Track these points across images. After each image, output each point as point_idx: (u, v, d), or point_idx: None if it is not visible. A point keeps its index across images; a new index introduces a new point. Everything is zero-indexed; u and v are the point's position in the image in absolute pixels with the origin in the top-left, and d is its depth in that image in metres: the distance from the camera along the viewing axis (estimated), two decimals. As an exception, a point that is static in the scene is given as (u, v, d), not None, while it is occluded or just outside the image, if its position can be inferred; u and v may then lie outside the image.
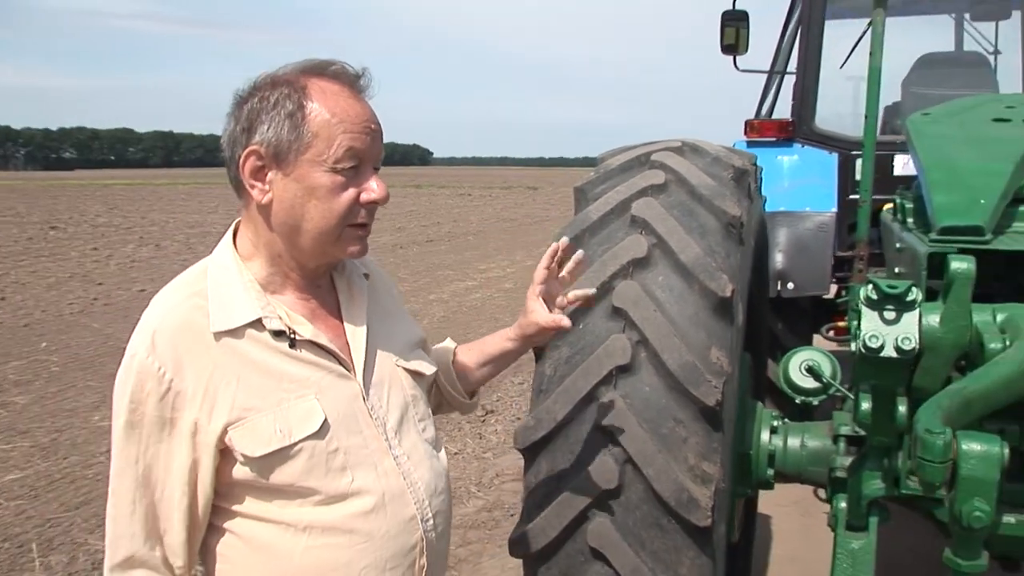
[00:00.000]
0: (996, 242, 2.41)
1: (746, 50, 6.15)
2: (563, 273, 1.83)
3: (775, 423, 2.91)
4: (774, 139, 5.54)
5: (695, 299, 2.21)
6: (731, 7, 6.07)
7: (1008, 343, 2.05)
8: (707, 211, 2.38)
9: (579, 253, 1.84)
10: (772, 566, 4.39)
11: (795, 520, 4.94)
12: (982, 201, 2.46)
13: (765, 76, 6.31)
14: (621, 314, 2.18)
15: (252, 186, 1.51)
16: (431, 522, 1.67)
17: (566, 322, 1.79)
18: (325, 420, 1.52)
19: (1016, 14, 6.37)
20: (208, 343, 1.48)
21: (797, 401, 3.00)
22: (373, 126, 1.55)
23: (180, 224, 24.00)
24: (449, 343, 2.06)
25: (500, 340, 1.94)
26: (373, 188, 1.55)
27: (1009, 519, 2.29)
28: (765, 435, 2.87)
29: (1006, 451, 1.74)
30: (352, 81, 1.55)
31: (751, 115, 6.15)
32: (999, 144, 2.76)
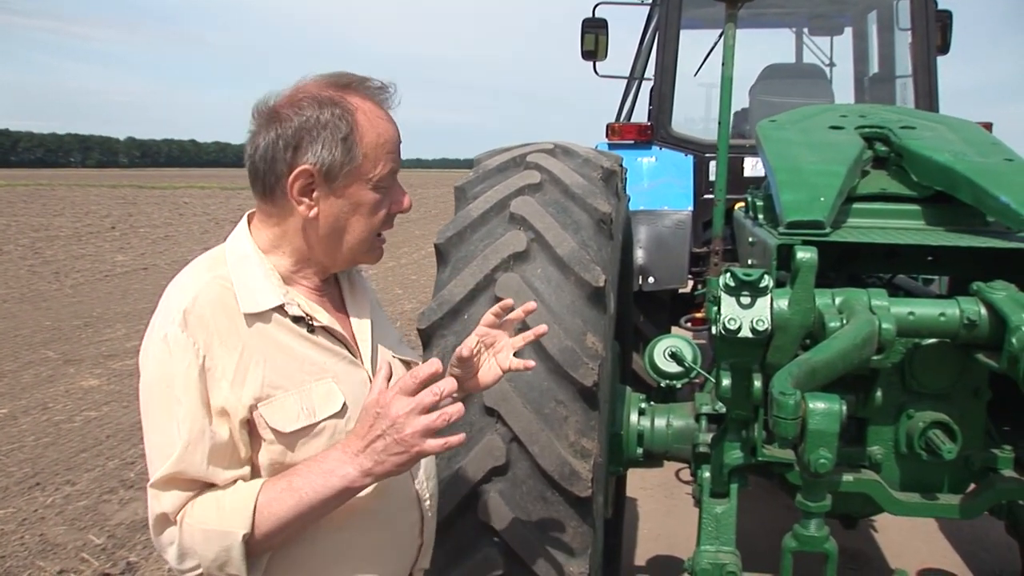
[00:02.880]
0: (834, 235, 2.68)
1: (605, 56, 6.40)
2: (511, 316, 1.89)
3: (642, 405, 3.12)
4: (634, 142, 5.78)
5: (571, 289, 2.38)
6: (591, 15, 6.33)
7: (845, 322, 2.33)
8: (580, 208, 2.56)
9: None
10: (640, 543, 4.65)
11: (659, 501, 5.23)
12: (822, 199, 2.73)
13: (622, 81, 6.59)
14: (503, 303, 2.33)
15: (299, 202, 1.59)
16: (428, 502, 1.80)
17: (530, 363, 1.89)
18: (345, 402, 1.60)
19: (848, 30, 6.93)
20: (238, 323, 1.55)
21: (662, 385, 3.22)
22: (400, 142, 1.67)
23: (24, 228, 22.51)
24: None
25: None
26: (402, 200, 1.70)
27: (848, 478, 2.58)
28: (634, 416, 3.07)
29: (844, 408, 1.99)
30: (384, 97, 1.66)
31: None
32: (835, 149, 3.06)
